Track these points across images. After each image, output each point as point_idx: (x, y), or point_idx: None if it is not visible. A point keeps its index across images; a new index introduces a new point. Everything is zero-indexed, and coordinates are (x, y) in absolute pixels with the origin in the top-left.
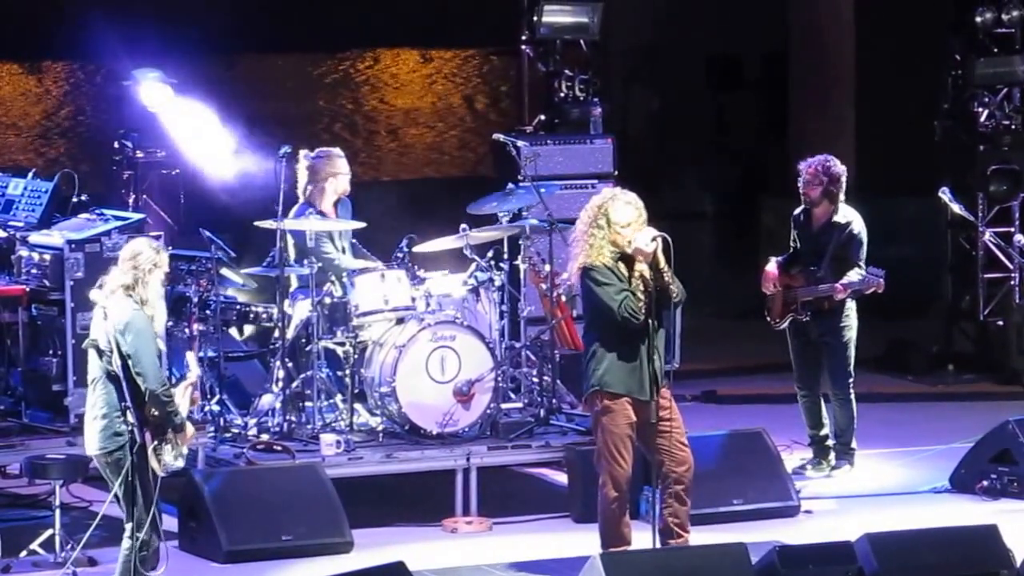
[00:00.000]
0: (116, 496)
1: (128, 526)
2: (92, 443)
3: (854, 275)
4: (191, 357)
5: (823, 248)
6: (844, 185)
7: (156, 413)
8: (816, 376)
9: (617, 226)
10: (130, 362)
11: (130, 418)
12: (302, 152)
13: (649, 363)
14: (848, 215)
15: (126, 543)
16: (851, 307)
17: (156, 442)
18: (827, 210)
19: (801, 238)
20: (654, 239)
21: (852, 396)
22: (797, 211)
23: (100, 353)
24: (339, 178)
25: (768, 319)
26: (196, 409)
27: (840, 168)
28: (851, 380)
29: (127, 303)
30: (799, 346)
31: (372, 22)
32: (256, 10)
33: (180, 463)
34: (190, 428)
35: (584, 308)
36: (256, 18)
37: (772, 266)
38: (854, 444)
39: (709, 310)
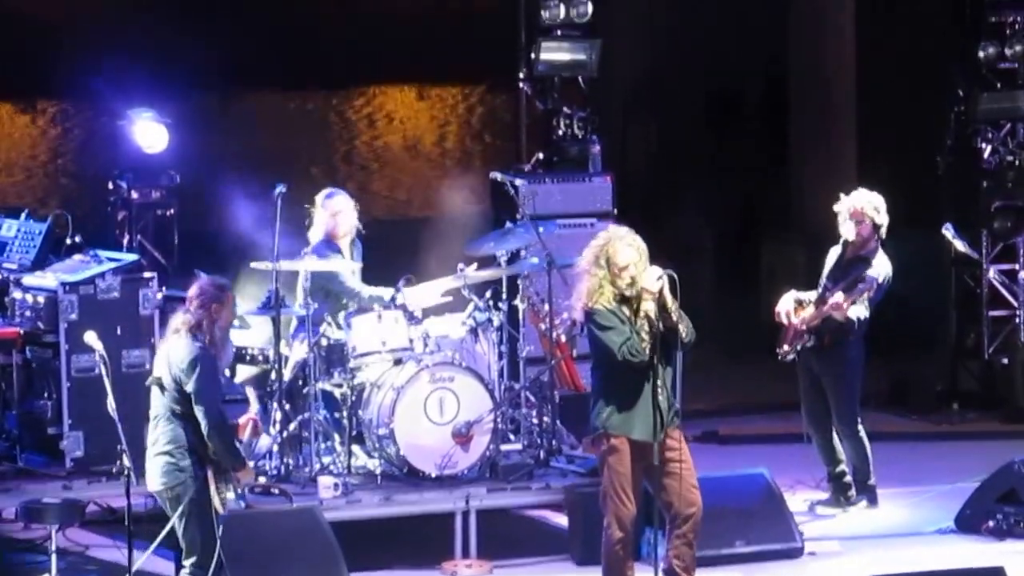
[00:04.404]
0: (175, 531)
1: (187, 563)
2: (154, 479)
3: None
4: (251, 393)
5: (845, 279)
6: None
7: (216, 450)
8: (825, 413)
9: (616, 267)
10: (192, 399)
11: (192, 457)
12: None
13: (655, 403)
14: (878, 258)
15: None
16: (853, 344)
17: (218, 480)
18: (867, 246)
19: (830, 271)
20: (660, 278)
21: (861, 432)
22: (835, 248)
23: (163, 390)
24: (338, 218)
25: (777, 350)
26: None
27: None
28: (858, 417)
29: (191, 342)
30: (806, 383)
31: (369, 58)
32: (251, 47)
33: (243, 503)
34: (249, 466)
35: (590, 349)
36: (251, 55)
37: (788, 300)
38: (872, 480)
39: (709, 347)
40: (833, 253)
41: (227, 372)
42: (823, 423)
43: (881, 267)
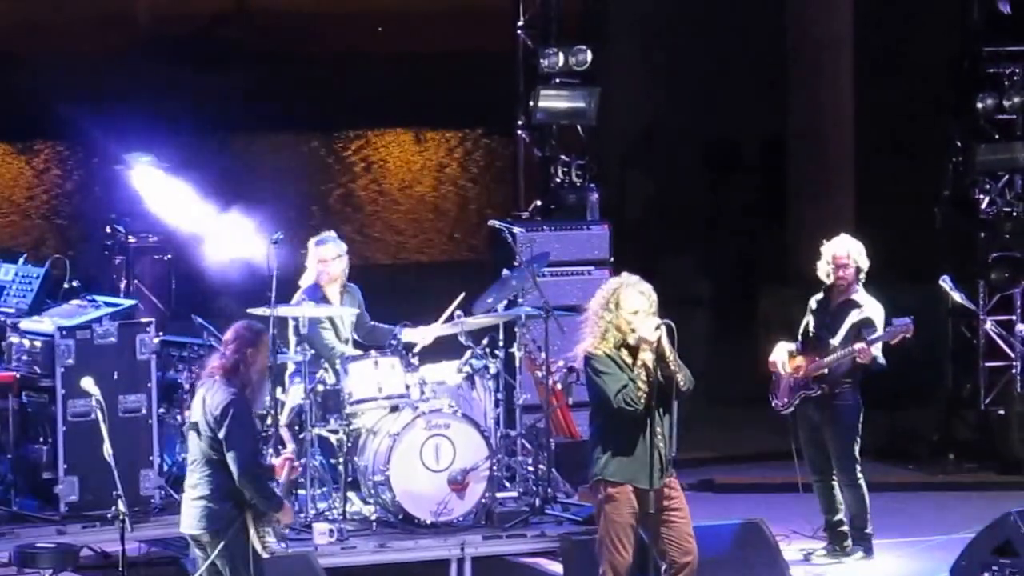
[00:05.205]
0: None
1: None
2: (191, 523)
3: (873, 336)
4: (285, 432)
5: (839, 324)
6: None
7: (250, 496)
8: (826, 461)
9: (625, 312)
10: (224, 445)
11: (230, 502)
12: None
13: (653, 452)
14: (865, 298)
15: None
16: (851, 391)
17: (257, 524)
18: (851, 289)
19: (817, 318)
20: (658, 327)
21: (860, 480)
22: (817, 297)
23: (199, 435)
24: (323, 265)
25: (774, 402)
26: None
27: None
28: (857, 465)
29: (225, 388)
30: (806, 431)
31: (367, 103)
32: (249, 91)
33: (284, 545)
34: (288, 508)
35: (588, 395)
36: (249, 99)
37: (781, 350)
38: (869, 529)
39: (706, 397)
40: (815, 301)
41: None
42: (825, 471)
43: (879, 307)
